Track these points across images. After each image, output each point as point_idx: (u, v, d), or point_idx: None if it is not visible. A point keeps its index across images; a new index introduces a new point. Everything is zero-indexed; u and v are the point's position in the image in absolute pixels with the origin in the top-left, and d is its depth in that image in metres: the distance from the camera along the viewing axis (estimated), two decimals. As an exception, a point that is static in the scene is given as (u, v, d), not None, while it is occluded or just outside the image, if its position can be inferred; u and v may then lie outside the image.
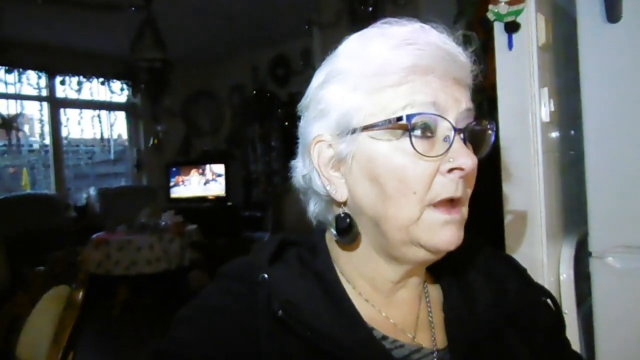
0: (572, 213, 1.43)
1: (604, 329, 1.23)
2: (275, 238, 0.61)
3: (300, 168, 0.62)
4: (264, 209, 5.13)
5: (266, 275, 0.53)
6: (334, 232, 0.57)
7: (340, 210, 0.58)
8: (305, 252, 0.60)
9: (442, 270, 0.65)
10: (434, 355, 0.58)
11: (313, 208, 0.63)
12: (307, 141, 0.59)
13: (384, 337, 0.56)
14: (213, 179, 5.63)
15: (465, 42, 0.56)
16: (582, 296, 1.35)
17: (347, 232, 0.57)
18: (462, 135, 0.54)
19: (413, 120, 0.51)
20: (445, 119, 0.53)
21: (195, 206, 5.39)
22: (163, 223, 4.15)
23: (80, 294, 1.08)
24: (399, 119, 0.51)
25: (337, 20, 3.58)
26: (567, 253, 1.36)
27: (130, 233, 3.99)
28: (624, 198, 1.20)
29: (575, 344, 1.26)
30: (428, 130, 0.53)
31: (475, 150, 0.56)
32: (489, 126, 0.58)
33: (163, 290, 3.89)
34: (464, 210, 0.56)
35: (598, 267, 1.24)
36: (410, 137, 0.52)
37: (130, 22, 3.88)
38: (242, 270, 0.57)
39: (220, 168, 5.62)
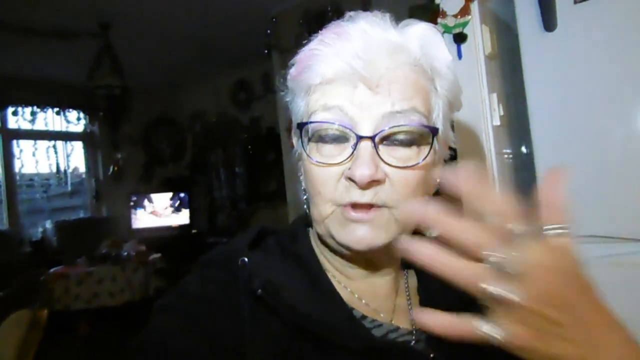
0: (527, 211, 1.51)
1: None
2: (255, 227, 0.62)
3: None
4: (230, 235, 5.06)
5: (246, 259, 0.54)
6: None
7: (304, 197, 0.62)
8: (285, 239, 0.62)
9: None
10: (412, 334, 0.59)
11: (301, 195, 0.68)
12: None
13: (363, 317, 0.57)
14: (176, 207, 5.53)
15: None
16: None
17: (306, 218, 0.62)
18: (372, 143, 0.52)
19: (311, 127, 0.55)
20: (345, 127, 0.52)
21: (158, 235, 5.25)
22: (125, 253, 4.02)
23: (45, 313, 1.04)
24: (299, 125, 0.56)
25: (296, 44, 3.65)
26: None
27: (90, 265, 3.84)
28: (571, 193, 1.28)
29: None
30: (337, 135, 0.54)
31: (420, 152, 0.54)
32: (425, 127, 0.54)
33: (128, 323, 3.73)
34: (392, 212, 0.54)
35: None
36: (302, 143, 0.56)
37: (86, 50, 3.84)
38: (222, 257, 0.58)
39: (183, 195, 5.54)
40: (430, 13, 2.08)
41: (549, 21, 1.26)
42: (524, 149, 1.56)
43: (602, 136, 1.24)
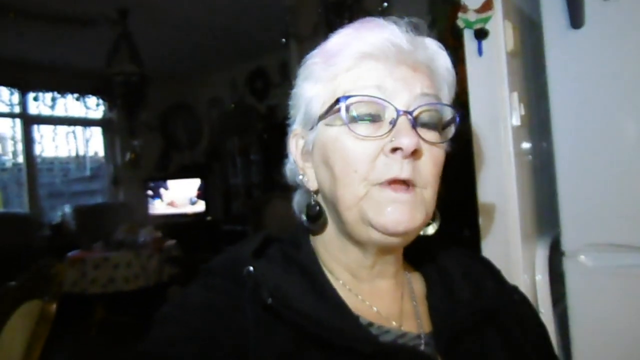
0: (545, 215, 1.46)
1: (579, 327, 1.26)
2: (258, 234, 0.62)
3: (289, 162, 0.66)
4: (244, 223, 5.09)
5: (251, 268, 0.54)
6: (304, 218, 0.61)
7: (311, 199, 0.61)
8: (288, 247, 0.61)
9: (425, 264, 0.68)
10: (421, 339, 0.59)
11: (297, 199, 0.66)
12: (290, 136, 0.64)
13: (370, 324, 0.57)
14: (192, 194, 5.58)
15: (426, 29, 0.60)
16: (558, 296, 1.38)
17: (317, 218, 0.60)
18: (410, 118, 0.54)
19: (348, 102, 0.54)
20: (385, 100, 0.54)
21: (174, 221, 5.31)
22: (141, 239, 4.08)
23: (53, 307, 1.05)
24: (337, 101, 0.55)
25: (314, 33, 3.62)
26: (541, 254, 1.39)
27: (107, 250, 3.90)
28: (593, 197, 1.23)
29: (552, 344, 1.28)
30: (373, 113, 0.55)
31: (441, 135, 0.58)
32: (452, 110, 0.59)
33: (142, 308, 3.80)
34: (423, 192, 0.56)
35: (571, 266, 1.27)
36: (346, 118, 0.54)
37: (105, 37, 3.86)
38: (226, 266, 0.58)
39: (199, 182, 5.57)
40: (450, 5, 2.02)
41: (576, 18, 1.20)
42: (544, 151, 1.51)
43: (627, 140, 1.19)
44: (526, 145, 1.41)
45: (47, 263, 1.25)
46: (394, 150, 0.53)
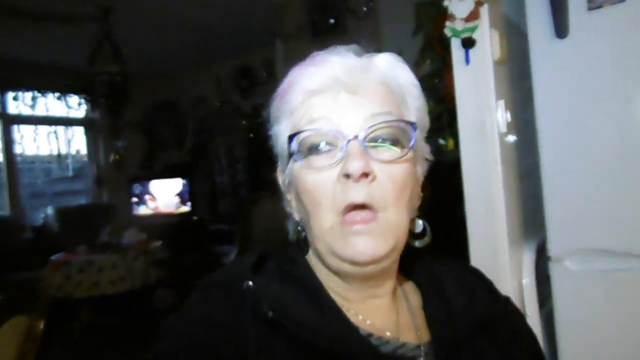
0: (532, 219, 1.48)
1: (565, 330, 1.28)
2: (254, 251, 0.62)
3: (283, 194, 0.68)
4: (231, 223, 5.06)
5: (250, 283, 0.55)
6: (294, 241, 0.64)
7: (297, 227, 0.63)
8: (285, 263, 0.62)
9: (418, 273, 0.68)
10: (420, 349, 0.59)
11: (290, 227, 0.67)
12: (277, 171, 0.66)
13: (370, 335, 0.58)
14: (178, 194, 5.52)
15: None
16: (544, 299, 1.41)
17: (304, 245, 0.63)
18: (359, 141, 0.54)
19: (299, 138, 0.57)
20: (332, 129, 0.55)
21: (159, 222, 5.26)
22: (126, 241, 4.02)
23: (41, 323, 1.03)
24: (289, 138, 0.58)
25: (299, 32, 3.61)
26: (528, 258, 1.42)
27: (91, 253, 3.84)
28: (578, 203, 1.25)
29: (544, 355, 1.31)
30: (327, 143, 0.57)
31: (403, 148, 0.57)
32: (404, 125, 0.58)
33: (128, 311, 3.76)
34: (386, 216, 0.55)
35: (557, 270, 1.29)
36: (297, 153, 0.57)
37: (88, 35, 3.78)
38: (225, 280, 0.58)
39: (184, 182, 5.52)
40: (436, 11, 2.03)
41: (560, 27, 1.22)
42: (530, 157, 1.53)
43: (611, 147, 1.22)
44: (512, 151, 1.43)
45: (33, 276, 1.23)
46: (346, 176, 0.54)
